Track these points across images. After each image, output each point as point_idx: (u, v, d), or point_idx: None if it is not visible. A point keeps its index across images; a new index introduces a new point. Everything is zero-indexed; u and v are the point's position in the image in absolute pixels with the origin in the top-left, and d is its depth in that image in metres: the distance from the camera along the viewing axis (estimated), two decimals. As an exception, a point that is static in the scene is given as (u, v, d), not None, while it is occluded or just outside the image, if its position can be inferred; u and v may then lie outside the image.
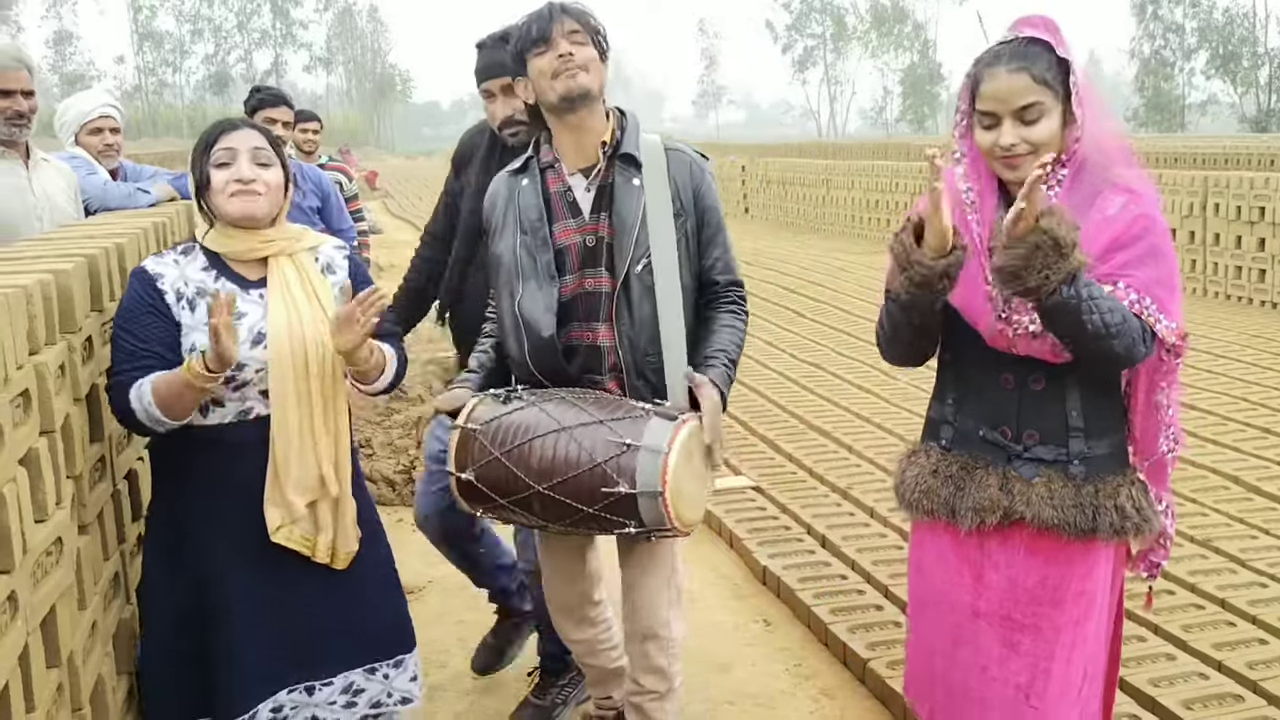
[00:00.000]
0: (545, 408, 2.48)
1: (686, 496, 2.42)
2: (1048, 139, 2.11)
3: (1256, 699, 3.27)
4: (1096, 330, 2.03)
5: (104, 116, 4.51)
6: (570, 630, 2.92)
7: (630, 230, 2.56)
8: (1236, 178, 10.96)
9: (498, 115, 3.04)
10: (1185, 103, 55.37)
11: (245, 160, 2.34)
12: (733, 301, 2.70)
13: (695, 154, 2.71)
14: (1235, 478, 5.27)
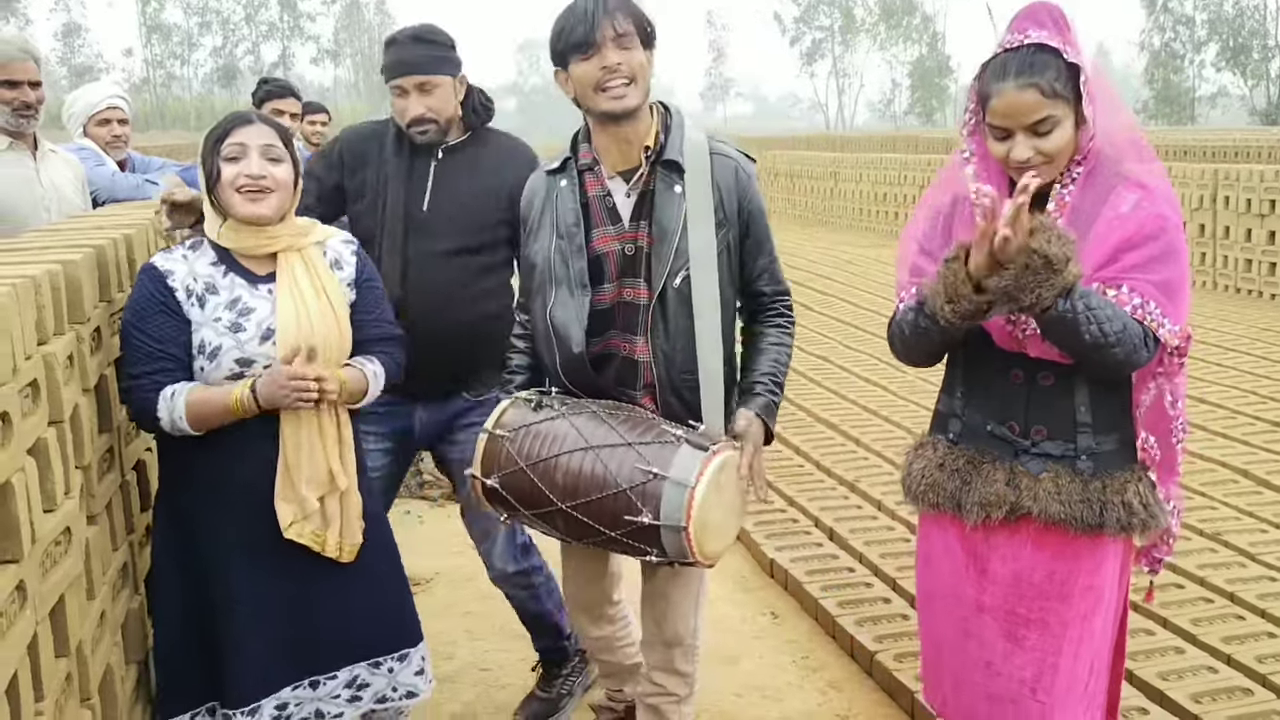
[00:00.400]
0: (575, 422, 2.42)
1: (713, 529, 2.35)
2: (1062, 147, 2.10)
3: (1266, 692, 3.27)
4: (1095, 340, 2.02)
5: (112, 108, 4.51)
6: (588, 627, 2.91)
7: (670, 240, 2.44)
8: (1247, 171, 10.92)
9: (409, 113, 2.88)
10: (1195, 95, 55.14)
11: (255, 156, 2.34)
12: (779, 314, 2.61)
13: (741, 156, 2.56)
14: (1245, 471, 5.26)
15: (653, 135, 2.49)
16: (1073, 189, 2.13)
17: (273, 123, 2.45)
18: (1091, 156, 2.13)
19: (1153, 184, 2.13)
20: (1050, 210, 2.14)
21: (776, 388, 2.55)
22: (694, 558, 2.32)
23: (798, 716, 3.36)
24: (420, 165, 2.96)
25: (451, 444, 3.08)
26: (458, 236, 2.93)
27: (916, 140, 27.13)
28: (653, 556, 2.38)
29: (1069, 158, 2.13)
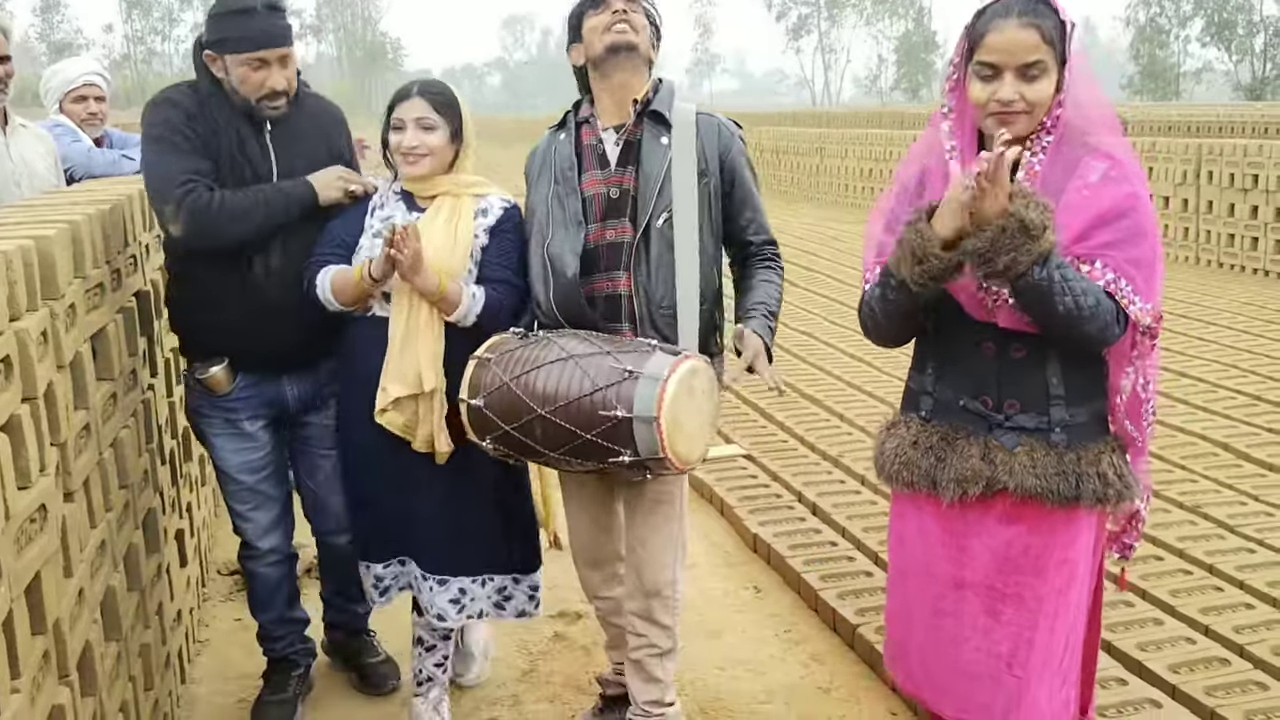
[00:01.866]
0: (558, 341, 2.58)
1: (685, 430, 2.46)
2: (1044, 100, 2.10)
3: (1242, 662, 3.30)
4: (1069, 312, 2.03)
5: (89, 85, 4.47)
6: (597, 586, 2.97)
7: (653, 183, 2.65)
8: (1230, 145, 10.94)
9: (269, 85, 2.79)
10: (1180, 70, 55.17)
11: (412, 129, 2.80)
12: (768, 258, 2.80)
13: (727, 121, 2.77)
14: (1225, 444, 5.29)
15: (643, 93, 2.70)
16: (1042, 158, 2.14)
17: (431, 93, 2.83)
18: (1060, 126, 2.13)
19: (1120, 154, 2.14)
20: (1020, 179, 2.14)
21: (770, 315, 2.69)
22: (664, 453, 2.42)
23: (780, 689, 3.38)
24: (255, 139, 2.87)
25: (316, 410, 3.07)
26: None
27: (902, 116, 27.10)
28: (626, 456, 2.46)
29: (1041, 119, 2.12)
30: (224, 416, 2.99)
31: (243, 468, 3.03)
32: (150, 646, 2.79)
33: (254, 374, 2.96)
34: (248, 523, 3.10)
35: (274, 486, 3.11)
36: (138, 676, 2.64)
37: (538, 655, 3.60)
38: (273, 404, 3.02)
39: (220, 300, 2.86)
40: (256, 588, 3.20)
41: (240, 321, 2.86)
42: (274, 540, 3.13)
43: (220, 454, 3.04)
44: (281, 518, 3.15)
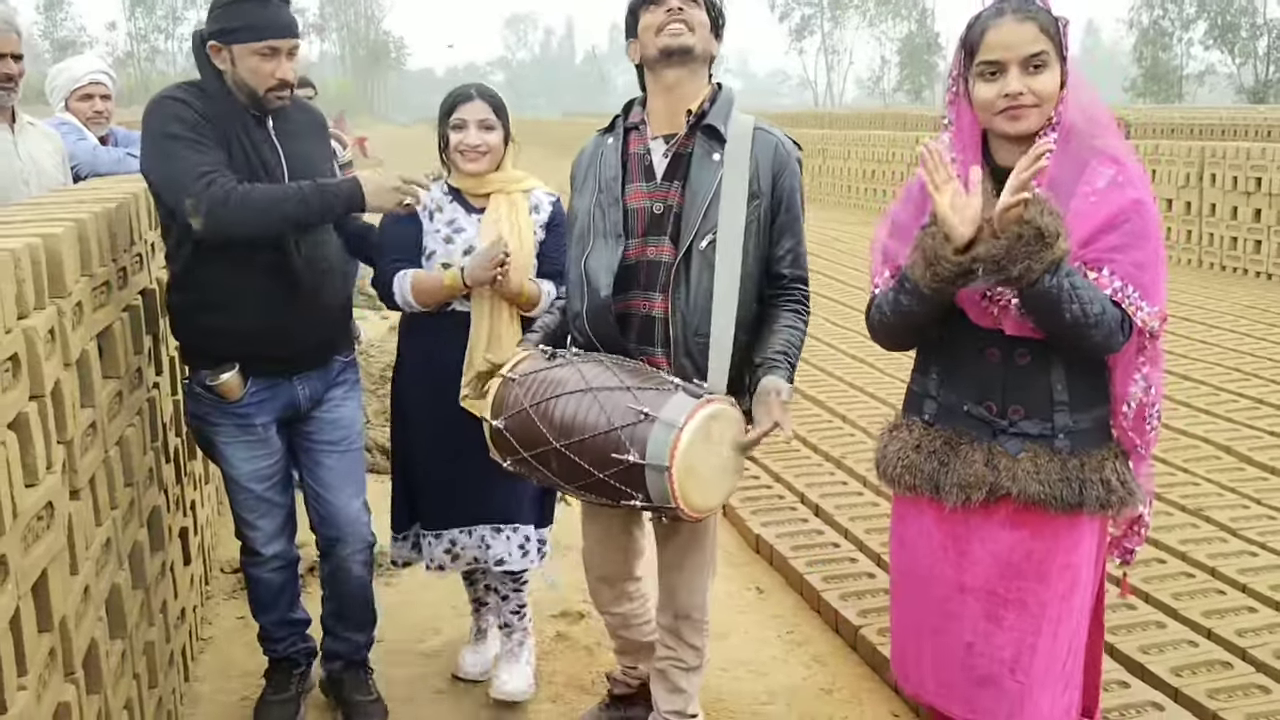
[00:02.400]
0: (581, 368, 2.48)
1: (700, 478, 2.35)
2: (1051, 92, 2.11)
3: (1245, 666, 3.30)
4: (1076, 320, 2.03)
5: (94, 83, 4.48)
6: (607, 602, 2.95)
7: (700, 203, 2.50)
8: (1233, 148, 10.95)
9: (279, 75, 2.73)
10: (1183, 73, 55.12)
11: (473, 129, 3.02)
12: (797, 300, 2.63)
13: (786, 139, 2.61)
14: (1227, 448, 5.29)
15: (698, 102, 2.56)
16: (1048, 157, 2.14)
17: (487, 96, 3.06)
18: (1065, 127, 2.14)
19: (1125, 159, 2.14)
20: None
21: (790, 366, 2.54)
22: (676, 502, 2.32)
23: (782, 690, 3.38)
24: (260, 134, 2.83)
25: (327, 401, 3.06)
26: None
27: (905, 117, 27.09)
28: (637, 503, 2.38)
29: (1049, 115, 2.13)
30: (235, 422, 2.91)
31: (254, 476, 2.97)
32: (154, 644, 2.79)
33: (266, 378, 2.91)
34: (254, 530, 3.05)
35: (281, 494, 3.06)
36: (142, 674, 2.64)
37: (540, 655, 3.59)
38: (286, 406, 2.97)
39: (232, 305, 2.80)
40: (259, 592, 3.15)
41: (254, 326, 2.81)
42: (278, 546, 3.09)
43: (231, 462, 2.96)
44: (286, 524, 3.11)
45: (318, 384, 3.01)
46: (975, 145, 2.21)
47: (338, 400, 3.06)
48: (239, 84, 2.75)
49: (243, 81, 2.74)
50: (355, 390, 3.15)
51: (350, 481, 3.10)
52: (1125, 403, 2.21)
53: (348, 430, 3.09)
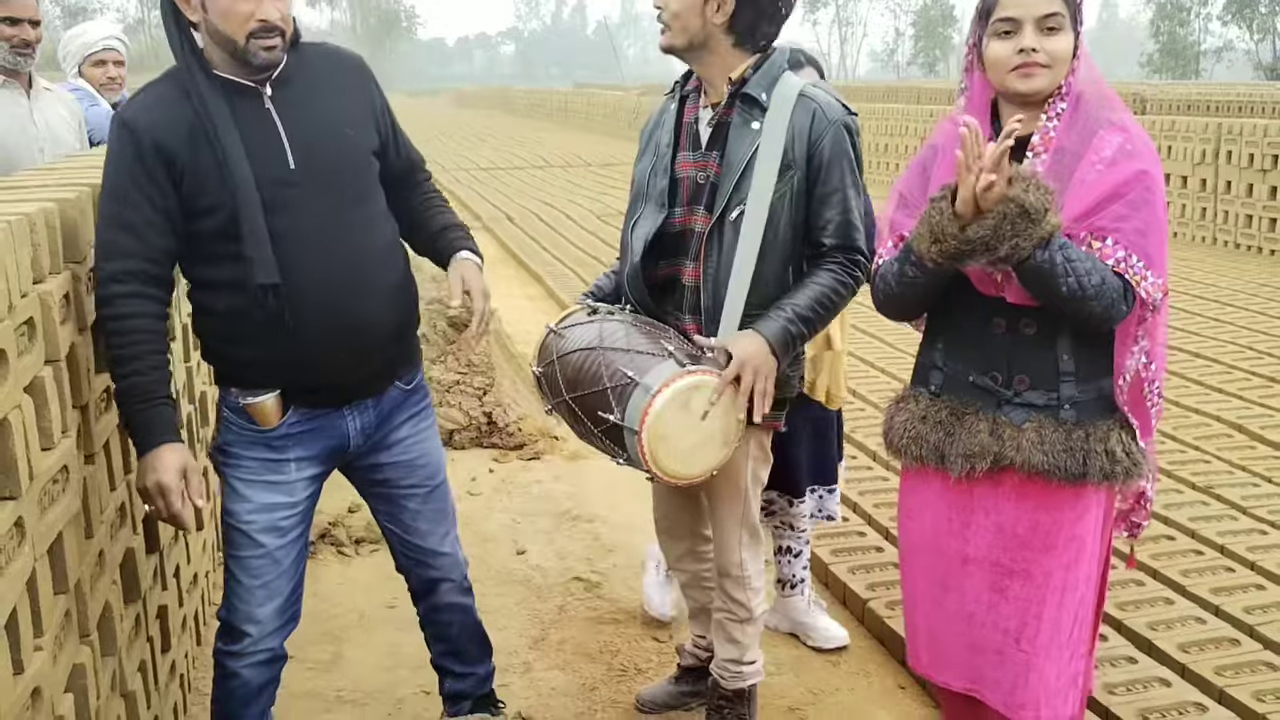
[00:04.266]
0: (604, 326, 2.55)
1: (674, 447, 2.37)
2: (1064, 55, 2.12)
3: (1252, 643, 3.30)
4: (1073, 292, 2.03)
5: (108, 49, 4.47)
6: (674, 559, 3.02)
7: (733, 173, 2.48)
8: (1250, 125, 10.84)
9: (259, 14, 2.20)
10: (1200, 49, 54.60)
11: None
12: (836, 263, 2.49)
13: (832, 104, 2.49)
14: (1239, 425, 5.28)
15: (739, 70, 2.52)
16: (1057, 124, 2.14)
17: None
18: (1074, 95, 2.14)
19: (1134, 128, 2.14)
20: (1035, 144, 2.14)
21: (798, 319, 2.45)
22: (647, 466, 2.36)
23: (789, 661, 3.40)
24: (251, 110, 2.28)
25: (387, 448, 2.57)
26: (339, 189, 2.35)
27: (919, 91, 26.89)
28: (621, 459, 2.47)
29: (1060, 80, 2.13)
30: (264, 456, 2.41)
31: (266, 526, 2.42)
32: (168, 608, 2.82)
33: (308, 408, 2.43)
34: (245, 604, 2.44)
35: (291, 562, 2.48)
36: (155, 638, 2.67)
37: (549, 624, 3.62)
38: (332, 443, 2.48)
39: (253, 338, 2.33)
40: (228, 695, 2.49)
41: (266, 357, 2.35)
42: (271, 630, 2.47)
43: (241, 506, 2.42)
44: (287, 607, 2.50)
45: (371, 415, 2.51)
46: (985, 112, 2.21)
47: (411, 439, 2.59)
48: (216, 38, 2.23)
49: (218, 32, 2.22)
50: (427, 419, 2.65)
51: (440, 523, 2.68)
52: (1122, 375, 2.21)
53: (428, 468, 2.63)
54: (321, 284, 2.30)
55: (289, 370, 2.37)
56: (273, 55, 2.24)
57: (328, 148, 2.34)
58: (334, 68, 2.42)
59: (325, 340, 2.33)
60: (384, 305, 2.42)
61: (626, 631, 3.58)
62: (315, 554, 4.08)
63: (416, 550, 2.68)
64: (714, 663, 2.91)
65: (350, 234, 2.35)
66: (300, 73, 2.35)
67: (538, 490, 4.82)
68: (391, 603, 3.68)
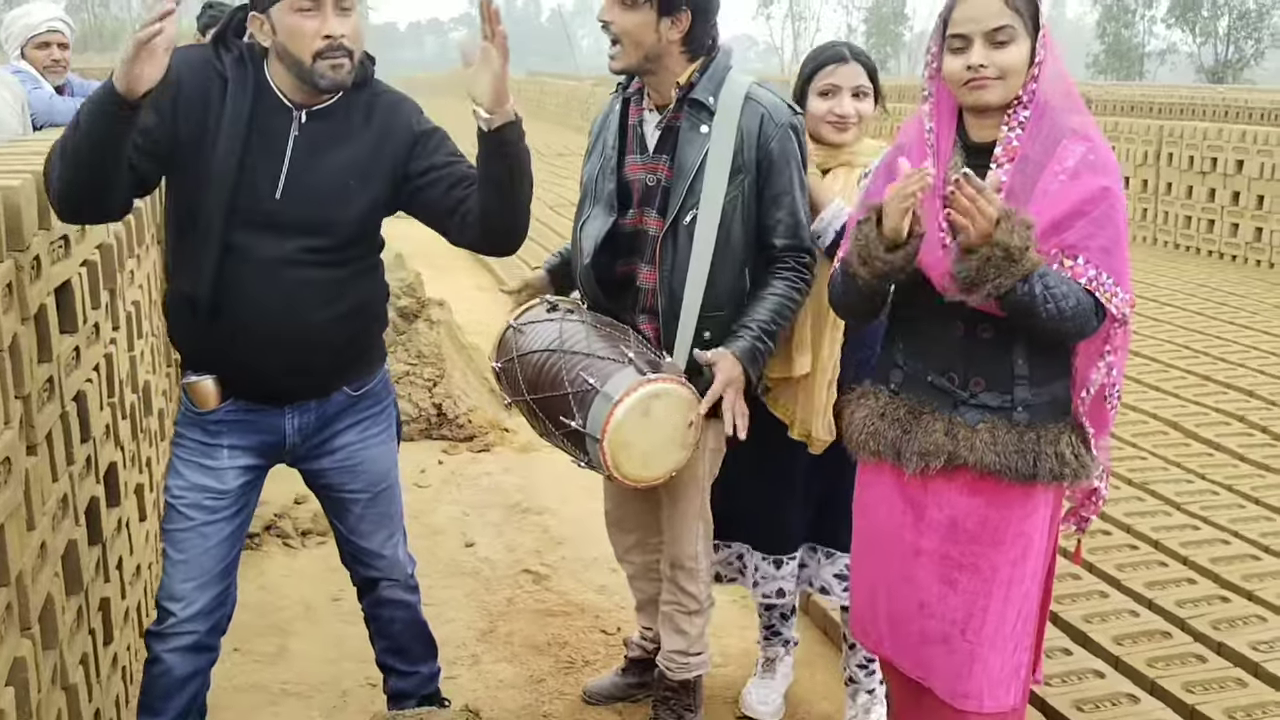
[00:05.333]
0: (564, 325, 2.58)
1: (635, 451, 2.43)
2: (1016, 66, 2.14)
3: (1183, 635, 3.40)
4: (1051, 318, 2.08)
5: (52, 31, 4.40)
6: (623, 550, 3.05)
7: (685, 178, 2.52)
8: (1190, 128, 11.07)
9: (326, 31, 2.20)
10: (1145, 50, 55.52)
11: (847, 96, 2.68)
12: (789, 268, 2.57)
13: (780, 105, 2.55)
14: (1174, 423, 5.40)
15: (687, 75, 2.55)
16: (1020, 134, 2.17)
17: (863, 60, 2.70)
18: (1038, 104, 2.17)
19: (1097, 138, 2.18)
20: (998, 154, 2.17)
21: (765, 335, 2.54)
22: (609, 471, 2.44)
23: (736, 654, 3.44)
24: (274, 130, 2.28)
25: (329, 453, 2.56)
26: (316, 235, 2.32)
27: (870, 87, 27.05)
28: (582, 462, 2.53)
29: (1016, 90, 2.16)
30: (199, 437, 2.45)
31: (194, 503, 2.44)
32: (110, 600, 2.78)
33: (247, 399, 2.45)
34: (171, 575, 2.46)
35: (223, 540, 2.47)
36: (98, 630, 2.63)
37: (497, 616, 3.63)
38: (265, 436, 2.48)
39: (179, 322, 2.39)
40: (150, 683, 2.47)
41: (220, 353, 2.37)
42: (194, 608, 2.44)
43: (176, 481, 2.47)
44: (216, 591, 2.48)
45: (312, 417, 2.50)
46: (951, 119, 2.25)
47: (356, 444, 2.56)
48: (286, 60, 2.23)
49: (287, 54, 2.22)
50: (379, 425, 2.61)
51: (383, 527, 2.67)
52: (1085, 388, 2.26)
53: (372, 474, 2.61)
54: (266, 302, 2.30)
55: (224, 365, 2.40)
56: (339, 76, 2.24)
57: (320, 192, 2.32)
58: (377, 118, 2.38)
59: (262, 348, 2.34)
60: (331, 329, 2.40)
61: (574, 624, 3.60)
62: (261, 546, 4.05)
63: (358, 549, 2.69)
64: (661, 654, 2.93)
65: (307, 270, 2.33)
66: (343, 113, 2.34)
67: (487, 482, 4.82)
68: (337, 595, 3.67)
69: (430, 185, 2.40)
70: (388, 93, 2.44)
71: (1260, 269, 9.98)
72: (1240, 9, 47.59)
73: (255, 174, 2.26)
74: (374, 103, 2.39)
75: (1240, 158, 10.31)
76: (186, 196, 2.28)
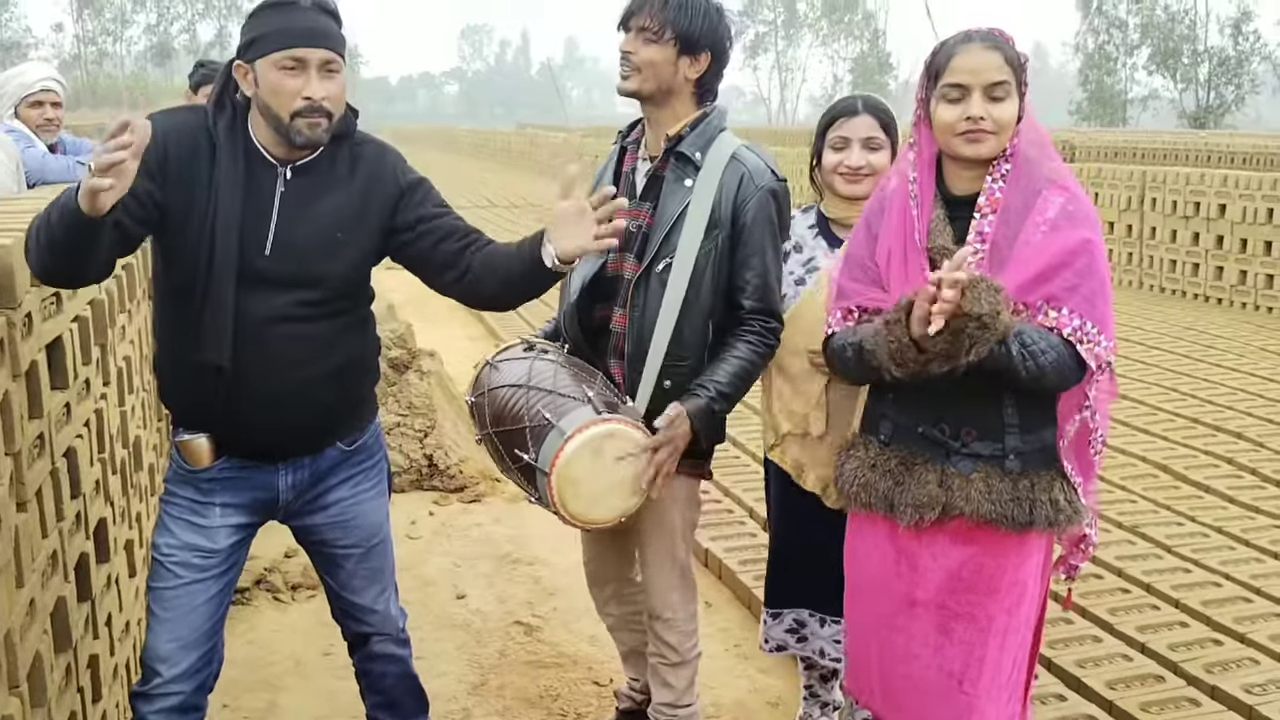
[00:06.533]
0: (536, 364, 2.62)
1: (583, 491, 2.42)
2: (1010, 122, 2.19)
3: (1176, 679, 3.39)
4: (1031, 373, 2.11)
5: (45, 90, 4.45)
6: (601, 603, 3.06)
7: (664, 226, 2.58)
8: (1174, 173, 11.22)
9: (306, 93, 2.22)
10: (1127, 97, 56.21)
11: (857, 149, 2.70)
12: (754, 332, 2.59)
13: (761, 169, 2.59)
14: (1164, 466, 5.42)
15: (678, 127, 2.60)
16: (1002, 185, 2.20)
17: (876, 110, 2.71)
18: (1018, 156, 2.21)
19: (1074, 188, 2.22)
20: (981, 204, 2.20)
21: (721, 397, 2.54)
22: (555, 506, 2.43)
23: (730, 704, 3.42)
24: (260, 187, 2.29)
25: (323, 509, 2.55)
26: (308, 288, 2.34)
27: (856, 136, 27.33)
28: (532, 499, 2.55)
29: (1005, 144, 2.20)
30: (189, 498, 2.44)
31: (183, 562, 2.42)
32: (99, 657, 2.77)
33: (240, 458, 2.45)
34: (156, 635, 2.43)
35: (209, 599, 2.44)
36: (86, 687, 2.62)
37: (488, 669, 3.61)
38: (259, 493, 2.47)
39: (190, 388, 2.37)
40: None
41: (217, 414, 2.37)
42: (179, 668, 2.42)
43: (165, 539, 2.45)
44: (201, 645, 2.45)
45: (306, 474, 2.49)
46: (930, 170, 2.28)
47: (349, 500, 2.55)
48: (264, 113, 2.26)
49: (267, 108, 2.24)
50: (370, 480, 2.60)
51: (375, 582, 2.65)
52: (1063, 436, 2.27)
53: (364, 530, 2.60)
54: (262, 360, 2.31)
55: (220, 425, 2.39)
56: (315, 135, 2.26)
57: (308, 246, 2.33)
58: (362, 169, 2.40)
59: (260, 406, 2.35)
60: (326, 384, 2.41)
61: (567, 676, 3.58)
62: (251, 600, 4.03)
63: (349, 605, 2.67)
64: (651, 707, 2.92)
65: (302, 325, 2.34)
66: (327, 165, 2.36)
67: (478, 533, 4.81)
68: (328, 649, 3.65)
69: (420, 238, 2.43)
70: (370, 143, 2.46)
71: (1246, 311, 10.06)
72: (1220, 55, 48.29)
73: (244, 232, 2.28)
74: (358, 154, 2.40)
75: (1223, 202, 10.43)
76: (184, 260, 2.28)
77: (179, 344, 2.34)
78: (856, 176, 2.68)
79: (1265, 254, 10.05)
